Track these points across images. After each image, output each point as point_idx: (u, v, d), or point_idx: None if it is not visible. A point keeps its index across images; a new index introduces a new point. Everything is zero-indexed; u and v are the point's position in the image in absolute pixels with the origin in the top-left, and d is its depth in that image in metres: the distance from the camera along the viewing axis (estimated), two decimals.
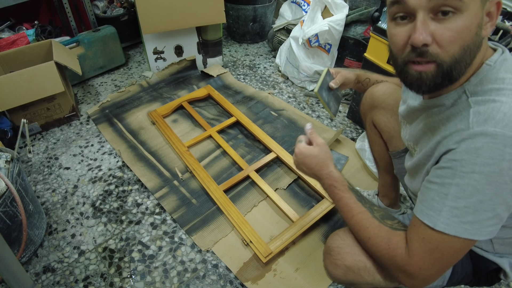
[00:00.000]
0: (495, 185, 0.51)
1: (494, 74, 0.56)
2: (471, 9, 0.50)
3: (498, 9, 0.53)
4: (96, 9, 2.19)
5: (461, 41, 0.51)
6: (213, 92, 1.90)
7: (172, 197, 1.37)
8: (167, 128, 1.66)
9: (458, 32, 0.50)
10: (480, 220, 0.54)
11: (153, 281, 1.12)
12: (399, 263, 0.62)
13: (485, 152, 0.51)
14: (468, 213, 0.54)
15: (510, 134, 0.50)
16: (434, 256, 0.58)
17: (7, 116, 1.60)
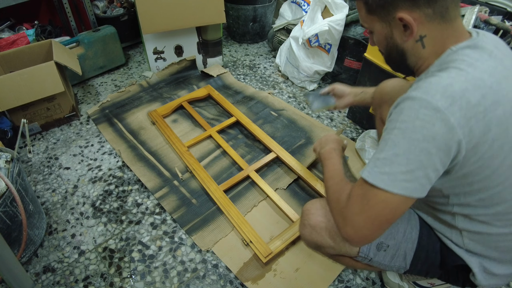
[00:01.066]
0: (408, 140, 0.59)
1: (452, 56, 0.64)
2: (375, 30, 0.72)
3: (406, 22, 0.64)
4: (96, 9, 2.19)
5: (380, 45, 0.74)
6: (213, 92, 1.90)
7: (172, 197, 1.37)
8: (167, 128, 1.65)
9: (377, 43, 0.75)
10: (395, 172, 0.60)
11: (153, 281, 1.12)
12: (340, 205, 0.70)
13: (405, 111, 0.60)
14: (385, 164, 0.61)
15: (427, 98, 0.58)
16: (363, 202, 0.64)
17: (7, 116, 1.60)
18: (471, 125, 0.58)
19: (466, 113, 0.58)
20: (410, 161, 0.59)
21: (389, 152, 0.61)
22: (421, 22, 0.64)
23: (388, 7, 0.65)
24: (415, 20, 0.64)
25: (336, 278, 1.13)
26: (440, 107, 0.57)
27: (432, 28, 0.65)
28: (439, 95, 0.58)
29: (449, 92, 0.58)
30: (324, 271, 1.14)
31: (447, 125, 0.57)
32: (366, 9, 0.70)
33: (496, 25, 1.50)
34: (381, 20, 0.69)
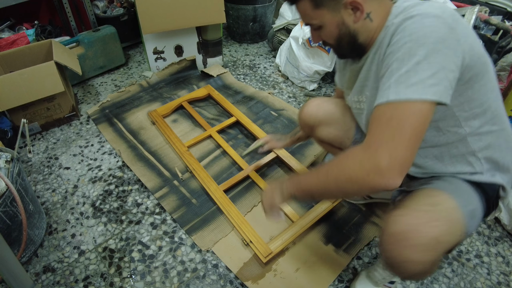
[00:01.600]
0: (424, 46, 0.61)
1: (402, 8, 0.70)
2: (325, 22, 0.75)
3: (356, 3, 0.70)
4: (96, 9, 2.19)
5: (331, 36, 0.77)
6: (213, 92, 1.90)
7: (172, 197, 1.37)
8: (167, 128, 1.65)
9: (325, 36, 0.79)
10: (423, 79, 0.60)
11: (153, 281, 1.12)
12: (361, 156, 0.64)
13: (409, 27, 0.64)
14: (410, 76, 0.61)
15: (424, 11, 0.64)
16: (391, 125, 0.61)
17: (7, 116, 1.60)
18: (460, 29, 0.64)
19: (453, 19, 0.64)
20: (431, 64, 0.60)
21: (409, 64, 0.61)
22: (365, 1, 0.71)
23: None
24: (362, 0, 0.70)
25: (336, 278, 1.13)
26: (439, 14, 0.63)
27: (374, 4, 0.72)
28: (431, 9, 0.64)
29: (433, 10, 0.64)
30: (324, 271, 1.14)
31: (450, 26, 0.62)
32: (313, 5, 0.73)
33: (496, 25, 1.50)
34: (330, 10, 0.72)
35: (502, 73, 1.66)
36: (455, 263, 1.20)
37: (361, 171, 0.64)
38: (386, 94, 0.63)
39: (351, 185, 0.67)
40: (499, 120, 0.76)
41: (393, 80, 0.63)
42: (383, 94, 0.64)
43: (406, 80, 0.61)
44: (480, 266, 1.19)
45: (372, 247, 1.23)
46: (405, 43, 0.63)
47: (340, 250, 1.20)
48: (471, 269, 1.18)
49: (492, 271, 1.18)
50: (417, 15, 0.64)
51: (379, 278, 1.03)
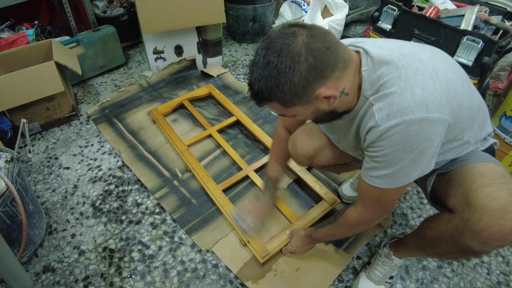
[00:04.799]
0: (411, 152, 0.69)
1: (373, 74, 0.71)
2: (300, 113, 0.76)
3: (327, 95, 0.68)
4: (96, 9, 2.19)
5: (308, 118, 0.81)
6: (214, 91, 1.90)
7: (172, 197, 1.37)
8: (168, 126, 1.65)
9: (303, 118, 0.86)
10: (408, 173, 0.73)
11: (153, 281, 1.12)
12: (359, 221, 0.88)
13: (395, 137, 0.69)
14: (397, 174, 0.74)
15: (408, 118, 0.66)
16: (379, 204, 0.82)
17: (7, 116, 1.60)
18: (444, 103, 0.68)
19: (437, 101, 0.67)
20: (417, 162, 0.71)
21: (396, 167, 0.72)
22: (335, 86, 0.69)
23: (305, 95, 0.68)
24: (333, 88, 0.69)
25: (336, 278, 1.13)
26: (422, 116, 0.66)
27: (344, 79, 0.70)
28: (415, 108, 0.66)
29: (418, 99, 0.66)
30: (324, 271, 1.14)
31: (434, 121, 0.67)
32: (283, 106, 0.71)
33: (496, 25, 1.50)
34: (302, 105, 0.71)
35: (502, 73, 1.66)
36: (455, 263, 1.20)
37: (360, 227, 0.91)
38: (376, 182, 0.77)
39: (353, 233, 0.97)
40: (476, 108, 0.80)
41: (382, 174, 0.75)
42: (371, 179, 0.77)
43: (394, 176, 0.74)
44: (480, 266, 1.19)
45: (372, 247, 1.23)
46: (391, 152, 0.70)
47: (340, 250, 1.20)
48: (471, 269, 1.19)
49: (492, 271, 1.18)
50: (402, 124, 0.67)
51: (380, 276, 1.06)
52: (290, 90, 0.66)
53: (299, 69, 0.64)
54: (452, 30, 1.46)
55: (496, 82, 1.66)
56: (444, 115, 0.68)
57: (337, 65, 0.67)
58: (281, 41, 0.64)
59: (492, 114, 1.42)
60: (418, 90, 0.67)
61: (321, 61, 0.64)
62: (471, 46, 1.42)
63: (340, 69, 0.68)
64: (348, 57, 0.70)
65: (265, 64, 0.65)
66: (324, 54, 0.65)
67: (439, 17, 1.59)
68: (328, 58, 0.65)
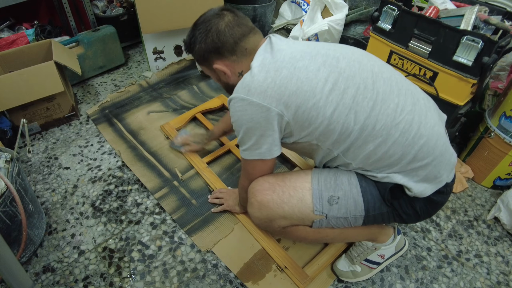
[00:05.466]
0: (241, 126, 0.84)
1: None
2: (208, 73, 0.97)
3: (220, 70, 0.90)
4: (95, 9, 2.19)
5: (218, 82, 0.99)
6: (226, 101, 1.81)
7: (172, 198, 1.37)
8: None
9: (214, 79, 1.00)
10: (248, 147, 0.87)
11: (152, 281, 1.12)
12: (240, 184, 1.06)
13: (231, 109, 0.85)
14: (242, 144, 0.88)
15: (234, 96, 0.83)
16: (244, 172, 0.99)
17: (6, 116, 1.60)
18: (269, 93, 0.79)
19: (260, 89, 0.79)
20: (250, 137, 0.85)
21: (239, 137, 0.88)
22: (232, 66, 0.89)
23: (206, 60, 0.90)
24: (227, 66, 0.89)
25: (336, 278, 1.13)
26: (243, 96, 0.80)
27: (243, 64, 0.88)
28: (240, 89, 0.82)
29: (245, 83, 0.81)
30: (324, 271, 1.14)
31: (253, 104, 0.80)
32: (196, 60, 0.94)
33: (496, 25, 1.50)
34: (207, 68, 0.94)
35: (502, 73, 1.66)
36: (454, 262, 1.20)
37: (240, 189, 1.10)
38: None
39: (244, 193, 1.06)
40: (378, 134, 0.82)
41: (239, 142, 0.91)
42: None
43: (241, 146, 0.89)
44: (479, 265, 1.20)
45: None
46: (233, 122, 0.86)
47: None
48: (471, 269, 1.19)
49: (492, 271, 1.18)
50: (232, 100, 0.83)
51: (355, 256, 1.11)
52: (199, 52, 0.90)
53: (206, 41, 0.87)
54: (452, 30, 1.46)
55: (496, 82, 1.66)
56: (265, 102, 0.79)
57: (235, 51, 0.87)
58: (210, 17, 0.87)
59: (492, 114, 1.42)
60: (248, 77, 0.81)
61: (222, 42, 0.85)
62: (471, 46, 1.42)
63: (238, 55, 0.87)
64: (253, 48, 0.87)
65: (193, 27, 0.90)
66: (227, 40, 0.85)
67: (438, 17, 1.59)
68: (229, 43, 0.85)
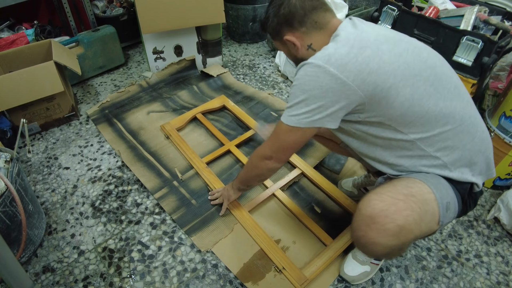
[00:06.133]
0: (303, 92, 0.81)
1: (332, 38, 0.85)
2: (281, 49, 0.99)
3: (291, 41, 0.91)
4: (95, 9, 2.19)
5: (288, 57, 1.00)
6: (228, 102, 1.81)
7: (171, 198, 1.37)
8: (182, 142, 1.57)
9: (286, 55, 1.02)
10: (298, 113, 0.83)
11: (152, 281, 1.12)
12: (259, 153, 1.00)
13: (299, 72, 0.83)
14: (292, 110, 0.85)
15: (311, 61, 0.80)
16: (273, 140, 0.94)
17: (6, 116, 1.60)
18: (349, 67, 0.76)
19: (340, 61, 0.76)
20: (308, 105, 0.81)
21: (292, 102, 0.84)
22: (302, 38, 0.90)
23: (279, 34, 0.93)
24: (297, 37, 0.91)
25: (336, 278, 1.13)
26: (320, 63, 0.78)
27: (313, 36, 0.89)
28: (319, 57, 0.79)
29: (326, 53, 0.79)
30: (324, 271, 1.14)
31: (328, 73, 0.77)
32: (271, 37, 0.98)
33: (496, 25, 1.50)
34: (279, 43, 0.97)
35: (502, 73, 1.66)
36: (454, 263, 1.20)
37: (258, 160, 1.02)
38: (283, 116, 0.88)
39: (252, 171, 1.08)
40: (451, 119, 0.81)
41: (285, 108, 0.87)
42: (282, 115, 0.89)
43: (289, 112, 0.86)
44: (479, 266, 1.20)
45: None
46: (293, 85, 0.84)
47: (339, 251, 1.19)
48: (471, 269, 1.19)
49: (492, 271, 1.18)
50: (306, 64, 0.81)
51: (364, 257, 1.09)
52: (272, 26, 0.93)
53: (277, 14, 0.90)
54: (452, 30, 1.46)
55: (496, 82, 1.66)
56: (342, 75, 0.76)
57: (305, 22, 0.88)
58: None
59: (492, 114, 1.42)
60: (331, 49, 0.79)
61: (292, 14, 0.88)
62: (471, 46, 1.42)
63: (308, 27, 0.88)
64: (324, 23, 0.88)
65: (268, 6, 0.95)
66: (297, 10, 0.87)
67: (438, 17, 1.59)
68: (299, 14, 0.87)
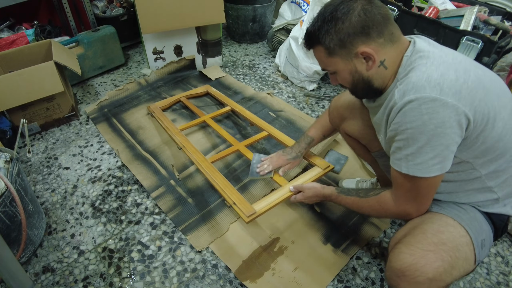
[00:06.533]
0: (424, 133, 0.70)
1: (410, 60, 0.76)
2: (339, 69, 0.81)
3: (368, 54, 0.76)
4: (95, 9, 2.19)
5: (346, 81, 0.84)
6: (210, 89, 1.92)
7: (168, 197, 1.36)
8: (163, 116, 1.69)
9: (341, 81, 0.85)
10: (426, 160, 0.72)
11: (152, 281, 1.12)
12: (393, 210, 0.84)
13: (409, 113, 0.71)
14: (415, 157, 0.73)
15: (420, 96, 0.69)
16: (411, 195, 0.79)
17: (6, 116, 1.60)
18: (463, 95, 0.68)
19: (454, 89, 0.68)
20: (433, 147, 0.70)
21: (413, 147, 0.72)
22: (377, 50, 0.76)
23: (348, 45, 0.76)
24: (374, 50, 0.76)
25: (336, 278, 1.13)
26: (435, 96, 0.68)
27: (387, 51, 0.77)
28: (428, 88, 0.69)
29: (433, 81, 0.69)
30: (322, 270, 1.14)
31: (447, 106, 0.67)
32: (326, 53, 0.80)
33: (496, 25, 1.50)
34: (343, 58, 0.79)
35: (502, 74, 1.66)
36: None
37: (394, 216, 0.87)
38: (399, 165, 0.77)
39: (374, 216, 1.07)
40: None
41: (403, 156, 0.75)
42: (396, 163, 0.78)
43: (413, 160, 0.73)
44: (479, 266, 1.20)
45: (371, 247, 1.23)
46: (406, 129, 0.72)
47: (338, 251, 1.20)
48: None
49: (492, 271, 1.18)
50: (415, 100, 0.69)
51: None
52: (337, 35, 0.75)
53: (350, 19, 0.73)
54: (452, 30, 1.46)
55: None
56: (460, 104, 0.67)
57: (383, 32, 0.75)
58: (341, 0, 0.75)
59: None
60: (435, 74, 0.70)
61: (371, 20, 0.73)
62: (471, 47, 1.42)
63: (386, 38, 0.75)
64: (398, 36, 0.77)
65: (323, 11, 0.77)
66: (376, 17, 0.73)
67: (438, 18, 1.59)
68: (378, 22, 0.74)
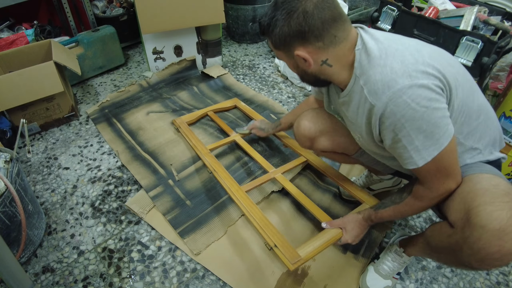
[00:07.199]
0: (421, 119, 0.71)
1: (363, 54, 0.77)
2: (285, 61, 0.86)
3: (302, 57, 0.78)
4: (95, 9, 2.19)
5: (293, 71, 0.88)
6: (239, 103, 1.82)
7: (166, 198, 1.35)
8: (190, 133, 1.58)
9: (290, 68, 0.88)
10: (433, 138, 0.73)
11: (152, 281, 1.12)
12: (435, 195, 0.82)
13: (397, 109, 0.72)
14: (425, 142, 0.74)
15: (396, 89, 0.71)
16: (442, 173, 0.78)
17: (6, 116, 1.60)
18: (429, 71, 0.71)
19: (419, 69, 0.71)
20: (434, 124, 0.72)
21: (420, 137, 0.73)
22: (316, 53, 0.78)
23: (287, 45, 0.79)
24: (310, 53, 0.78)
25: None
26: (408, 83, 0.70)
27: (330, 52, 0.78)
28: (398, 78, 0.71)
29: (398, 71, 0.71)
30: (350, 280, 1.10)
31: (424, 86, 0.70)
32: (273, 45, 0.83)
33: (495, 25, 1.50)
34: (285, 54, 0.83)
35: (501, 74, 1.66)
36: None
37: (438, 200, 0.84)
38: (415, 162, 0.77)
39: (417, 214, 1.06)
40: (483, 110, 0.83)
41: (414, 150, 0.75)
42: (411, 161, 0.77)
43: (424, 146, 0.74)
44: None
45: (381, 244, 1.23)
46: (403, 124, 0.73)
47: (359, 256, 1.18)
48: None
49: (491, 271, 1.18)
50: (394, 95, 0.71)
51: (388, 271, 1.08)
52: (279, 36, 0.78)
53: (289, 23, 0.75)
54: (452, 30, 1.46)
55: (496, 82, 1.66)
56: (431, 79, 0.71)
57: (322, 37, 0.75)
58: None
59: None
60: (396, 64, 0.72)
61: (308, 25, 0.74)
62: (471, 47, 1.42)
63: (326, 42, 0.76)
64: (343, 37, 0.77)
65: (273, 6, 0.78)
66: (315, 23, 0.74)
67: (438, 18, 1.59)
68: (317, 28, 0.74)
